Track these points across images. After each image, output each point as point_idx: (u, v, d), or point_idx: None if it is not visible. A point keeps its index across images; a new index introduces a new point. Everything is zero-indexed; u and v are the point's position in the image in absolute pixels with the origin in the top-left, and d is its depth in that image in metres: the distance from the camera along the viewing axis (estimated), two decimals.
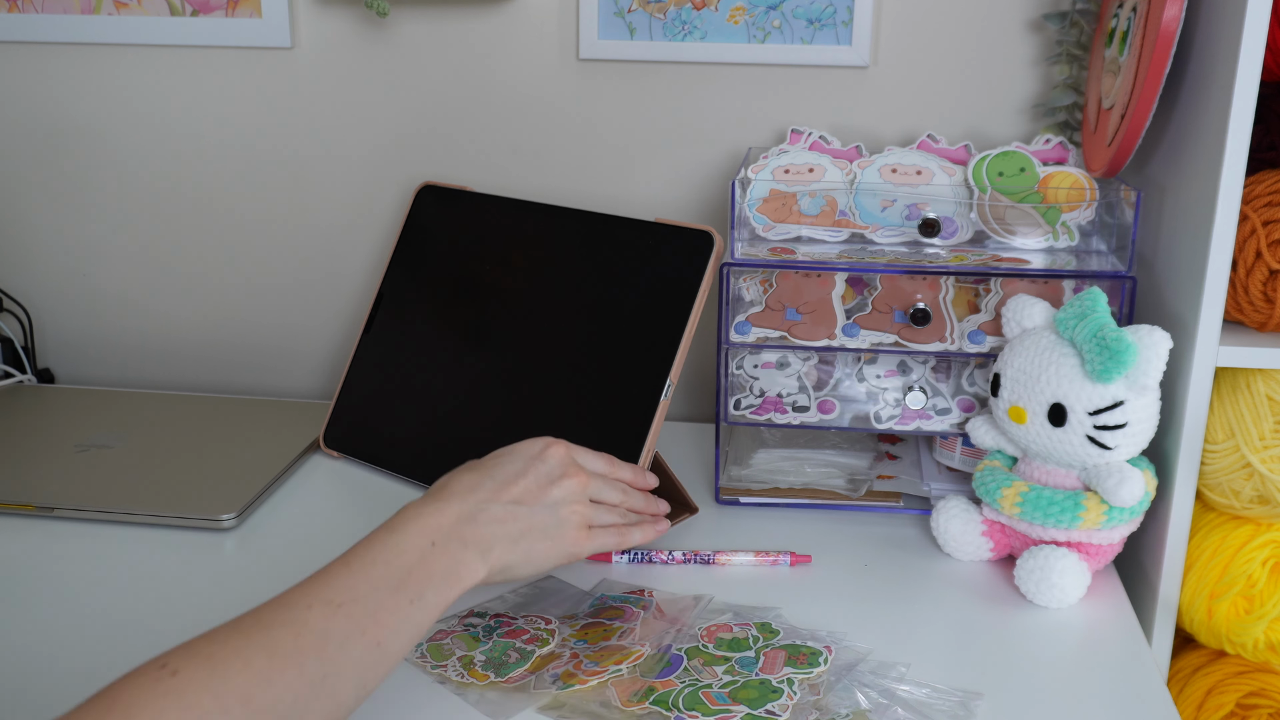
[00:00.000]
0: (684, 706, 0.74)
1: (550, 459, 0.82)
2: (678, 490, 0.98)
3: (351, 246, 1.28)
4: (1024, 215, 1.01)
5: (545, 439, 0.84)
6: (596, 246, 1.04)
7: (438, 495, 0.77)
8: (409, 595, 0.70)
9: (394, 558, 0.71)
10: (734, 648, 0.81)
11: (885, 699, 0.76)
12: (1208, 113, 0.87)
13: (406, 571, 0.71)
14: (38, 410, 1.22)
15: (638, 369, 0.96)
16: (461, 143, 1.23)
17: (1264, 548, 0.92)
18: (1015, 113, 1.16)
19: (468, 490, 0.77)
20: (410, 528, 0.73)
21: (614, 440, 0.92)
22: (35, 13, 1.22)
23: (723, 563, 0.94)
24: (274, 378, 1.33)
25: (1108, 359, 0.85)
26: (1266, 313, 0.88)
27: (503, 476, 0.79)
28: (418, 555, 0.72)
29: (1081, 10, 1.09)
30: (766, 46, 1.15)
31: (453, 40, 1.20)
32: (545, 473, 0.81)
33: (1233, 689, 0.95)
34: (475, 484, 0.78)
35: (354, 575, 0.69)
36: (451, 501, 0.76)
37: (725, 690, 0.76)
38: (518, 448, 0.83)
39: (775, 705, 0.74)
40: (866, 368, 1.03)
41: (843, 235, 1.04)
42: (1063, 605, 0.88)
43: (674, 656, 0.80)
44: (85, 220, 1.30)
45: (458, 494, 0.77)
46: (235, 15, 1.20)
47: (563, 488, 0.81)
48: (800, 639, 0.83)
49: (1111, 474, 0.87)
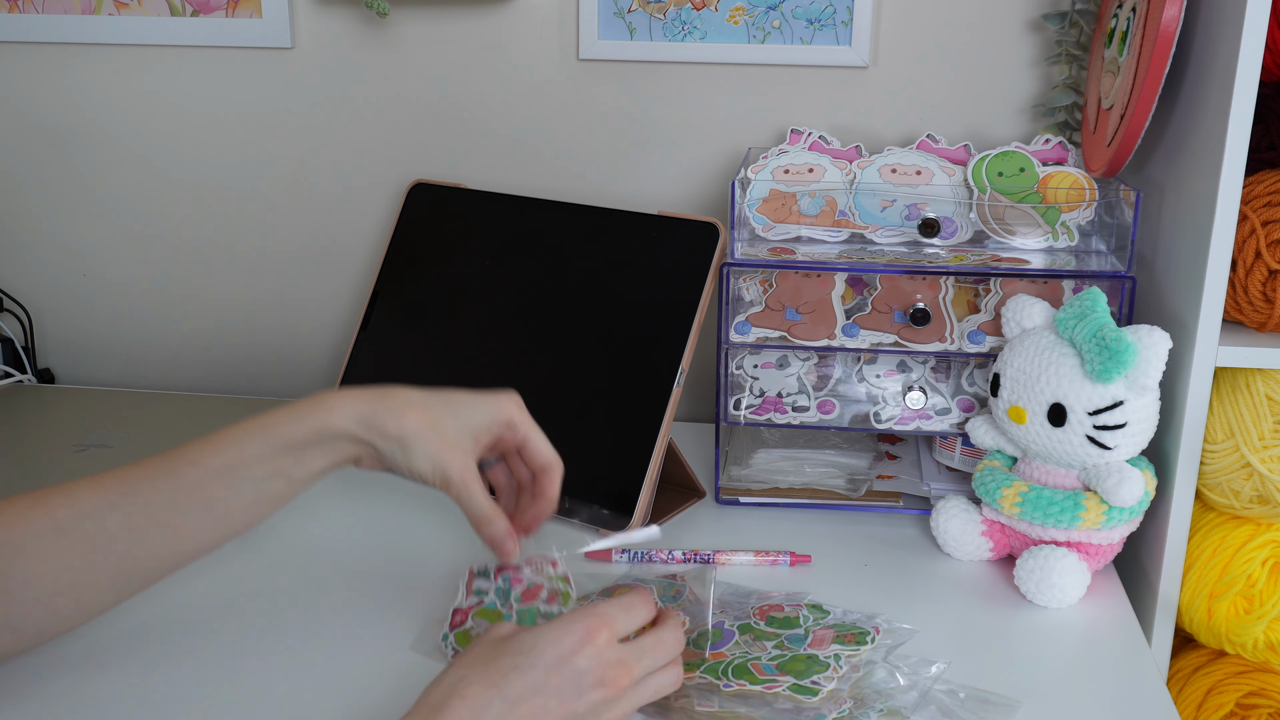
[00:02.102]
0: (732, 675, 0.76)
1: (581, 661, 0.65)
2: (688, 476, 1.02)
3: (351, 246, 1.28)
4: (1024, 215, 1.01)
5: (584, 626, 0.66)
6: (600, 241, 1.05)
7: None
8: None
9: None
10: (785, 625, 0.83)
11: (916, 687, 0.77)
12: (1207, 113, 0.87)
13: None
14: (38, 410, 1.22)
15: (648, 359, 0.97)
16: (461, 143, 1.23)
17: (1264, 547, 0.92)
18: (1015, 113, 1.16)
19: (470, 718, 0.62)
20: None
21: (628, 431, 0.93)
22: (35, 13, 1.22)
23: (723, 562, 0.94)
24: (273, 377, 1.33)
25: (1107, 359, 0.85)
26: (1266, 313, 0.88)
27: (516, 693, 0.64)
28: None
29: (1081, 10, 1.09)
30: (766, 46, 1.15)
31: (453, 40, 1.20)
32: (572, 683, 0.65)
33: (1232, 689, 0.95)
34: (482, 706, 0.63)
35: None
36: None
37: (773, 662, 0.77)
38: (541, 644, 0.65)
39: (820, 677, 0.76)
40: (866, 368, 1.03)
41: (843, 235, 1.04)
42: (1062, 605, 0.88)
43: (726, 631, 0.82)
44: (85, 220, 1.30)
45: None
46: (235, 15, 1.20)
47: (590, 700, 0.65)
48: (850, 620, 0.84)
49: (1111, 474, 0.87)
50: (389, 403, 0.76)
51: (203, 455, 0.74)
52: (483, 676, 0.64)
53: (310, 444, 0.75)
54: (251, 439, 0.74)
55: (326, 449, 0.76)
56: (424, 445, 0.76)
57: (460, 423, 0.77)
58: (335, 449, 0.76)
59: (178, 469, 0.74)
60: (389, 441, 0.76)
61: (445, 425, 0.76)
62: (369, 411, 0.75)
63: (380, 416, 0.75)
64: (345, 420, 0.75)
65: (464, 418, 0.77)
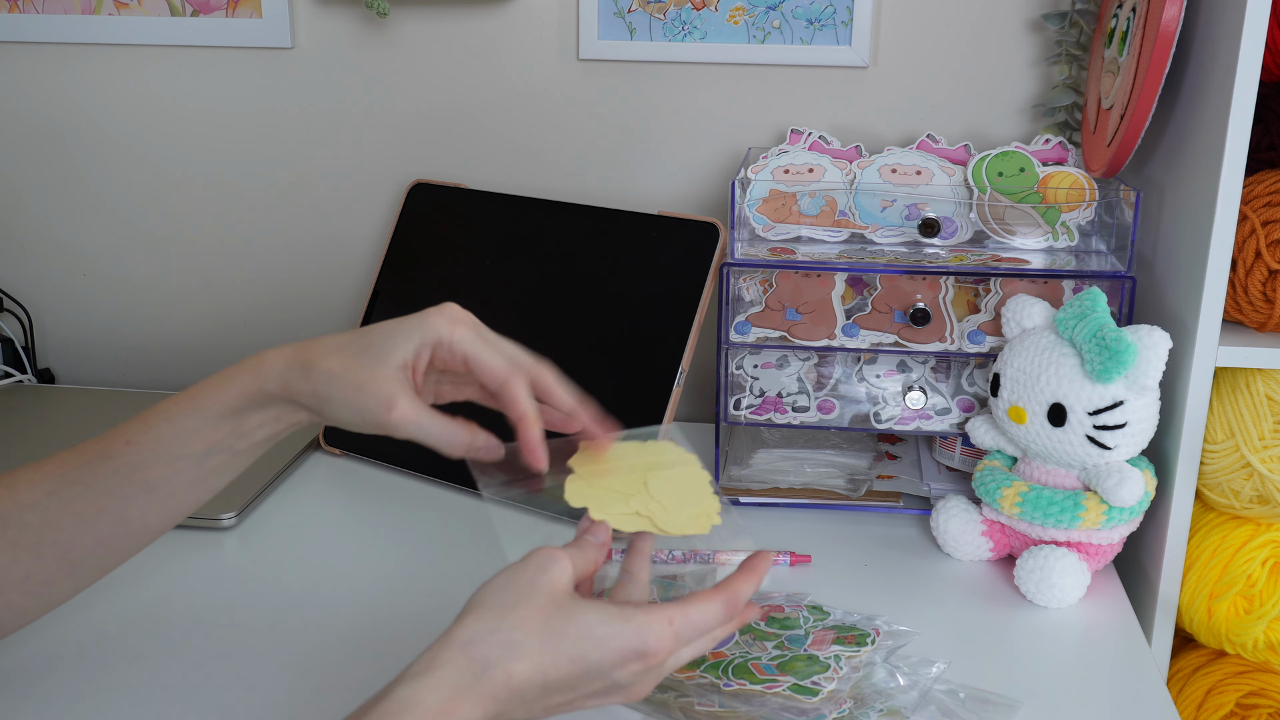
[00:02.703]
0: (733, 675, 0.76)
1: (622, 679, 0.62)
2: None
3: (352, 246, 1.28)
4: (1024, 215, 1.01)
5: (647, 649, 0.62)
6: (600, 241, 1.05)
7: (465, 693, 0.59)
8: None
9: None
10: (785, 626, 0.83)
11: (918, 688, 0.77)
12: (1207, 113, 0.87)
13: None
14: (38, 410, 1.22)
15: (648, 359, 0.97)
16: (461, 143, 1.23)
17: (1264, 547, 0.92)
18: (1015, 113, 1.16)
19: (506, 697, 0.59)
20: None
21: None
22: (35, 13, 1.22)
23: (722, 562, 0.94)
24: None
25: (1107, 359, 0.85)
26: (1266, 313, 0.88)
27: (555, 684, 0.61)
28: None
29: (1081, 10, 1.09)
30: (766, 46, 1.15)
31: (453, 40, 1.20)
32: (603, 692, 0.63)
33: (1232, 689, 0.95)
34: (521, 693, 0.60)
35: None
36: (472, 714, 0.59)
37: (774, 662, 0.78)
38: (601, 662, 0.61)
39: (820, 678, 0.76)
40: (866, 368, 1.03)
41: (843, 235, 1.04)
42: (1062, 605, 0.88)
43: None
44: (85, 220, 1.30)
45: (490, 702, 0.59)
46: (235, 15, 1.20)
47: (611, 699, 0.64)
48: (850, 621, 0.84)
49: (1111, 474, 0.87)
50: (304, 355, 0.69)
51: (137, 434, 0.71)
52: (536, 656, 0.60)
53: (243, 411, 0.70)
54: (183, 413, 0.70)
55: (262, 414, 0.71)
56: (341, 394, 0.68)
57: (380, 356, 0.68)
58: (272, 413, 0.71)
59: (113, 451, 0.71)
60: (310, 399, 0.69)
61: (362, 366, 0.68)
62: (284, 369, 0.69)
63: (293, 374, 0.69)
64: (271, 382, 0.69)
65: (385, 350, 0.68)
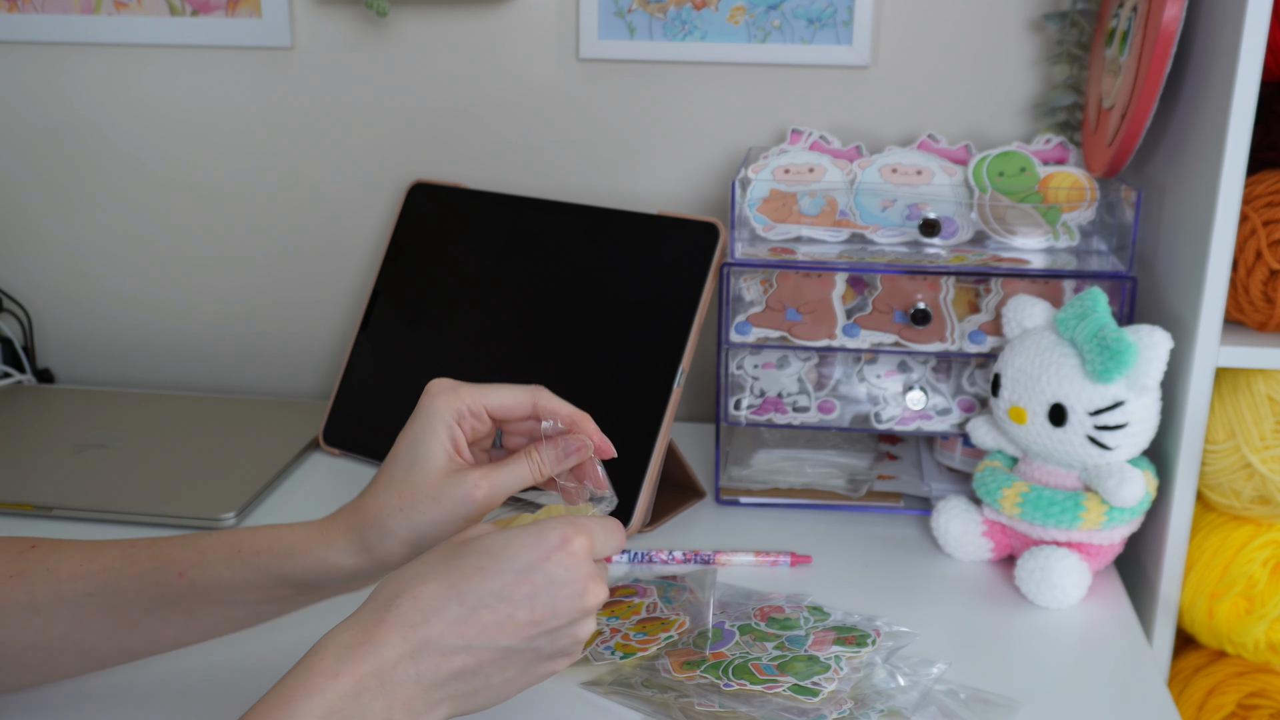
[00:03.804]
0: (733, 675, 0.76)
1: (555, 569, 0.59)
2: (687, 476, 1.02)
3: (351, 246, 1.27)
4: (1024, 215, 1.01)
5: (561, 532, 0.60)
6: (600, 241, 1.05)
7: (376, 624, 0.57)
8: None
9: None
10: (785, 626, 0.82)
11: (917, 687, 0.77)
12: (1208, 113, 0.87)
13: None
14: (37, 410, 1.22)
15: (648, 359, 0.97)
16: (461, 143, 1.23)
17: (1264, 548, 0.92)
18: (1015, 113, 1.16)
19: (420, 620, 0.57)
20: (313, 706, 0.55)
21: (628, 431, 0.93)
22: (35, 13, 1.22)
23: (723, 563, 0.94)
24: (273, 377, 1.33)
25: (1108, 359, 0.85)
26: (1267, 313, 0.88)
27: (477, 597, 0.58)
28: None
29: (1081, 10, 1.09)
30: (766, 46, 1.15)
31: (453, 40, 1.20)
32: (546, 593, 0.59)
33: (1233, 689, 0.95)
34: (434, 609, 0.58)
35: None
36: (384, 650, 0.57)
37: (774, 663, 0.77)
38: (512, 547, 0.59)
39: (821, 678, 0.75)
40: (867, 368, 1.03)
41: (843, 235, 1.04)
42: (1063, 606, 0.88)
43: (727, 631, 0.82)
44: (85, 220, 1.30)
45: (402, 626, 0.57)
46: (235, 15, 1.20)
47: (564, 614, 0.60)
48: (851, 622, 0.84)
49: (1112, 474, 0.87)
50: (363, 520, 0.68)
51: (191, 568, 0.68)
52: (442, 575, 0.58)
53: (309, 587, 0.69)
54: (244, 563, 0.68)
55: (328, 590, 0.70)
56: (431, 524, 0.67)
57: (423, 463, 0.67)
58: (335, 583, 0.70)
59: (165, 578, 0.68)
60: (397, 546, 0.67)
61: (419, 484, 0.67)
62: (362, 545, 0.67)
63: (378, 549, 0.67)
64: (345, 564, 0.68)
65: (422, 454, 0.68)
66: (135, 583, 0.69)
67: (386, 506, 0.67)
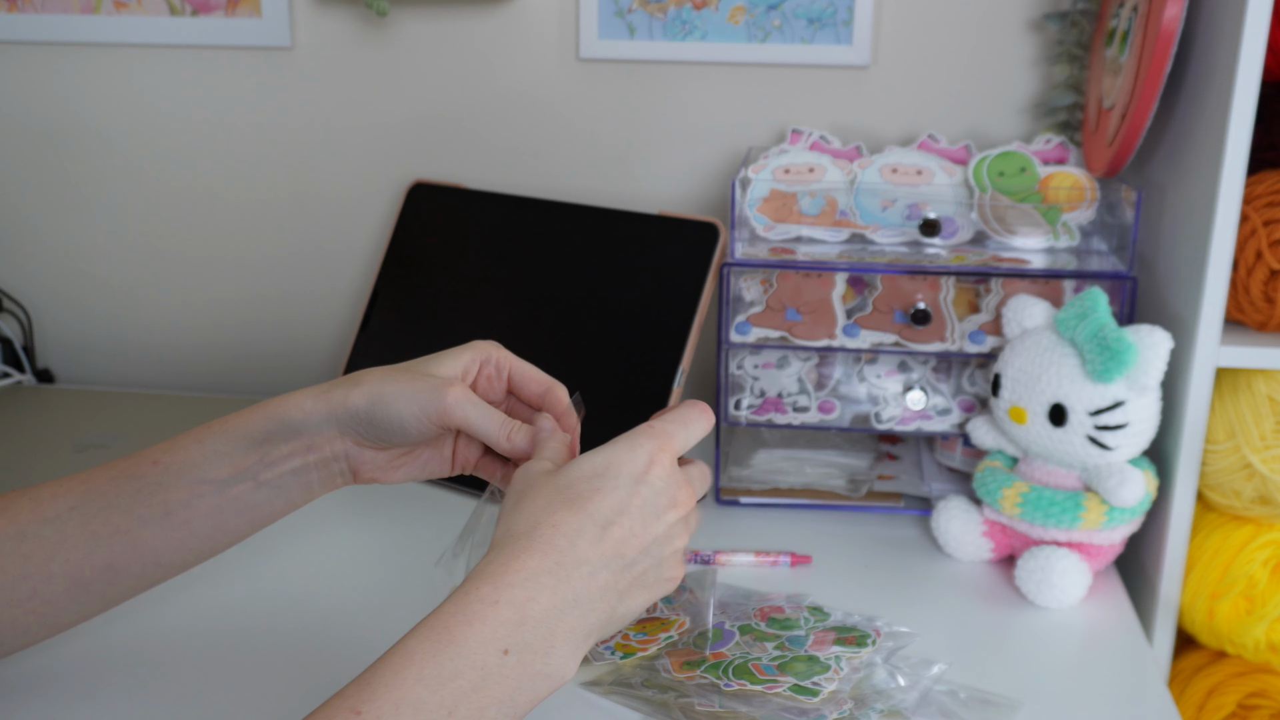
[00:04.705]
0: (733, 675, 0.76)
1: (655, 480, 0.63)
2: None
3: (351, 246, 1.27)
4: (1024, 215, 1.01)
5: (650, 446, 0.64)
6: (600, 241, 1.05)
7: (522, 552, 0.59)
8: None
9: (448, 679, 0.55)
10: (785, 626, 0.82)
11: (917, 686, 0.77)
12: (1208, 113, 0.87)
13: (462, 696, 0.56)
14: (37, 410, 1.22)
15: (648, 359, 0.97)
16: (461, 142, 1.23)
17: (1265, 548, 0.92)
18: (1015, 113, 1.16)
19: (566, 544, 0.59)
20: (475, 632, 0.56)
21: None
22: (35, 13, 1.22)
23: (723, 563, 0.94)
24: (273, 377, 1.33)
25: (1108, 359, 0.85)
26: (1267, 313, 0.88)
27: (604, 516, 0.61)
28: (479, 676, 0.56)
29: (1082, 10, 1.09)
30: (766, 46, 1.15)
31: (453, 40, 1.20)
32: (651, 503, 0.63)
33: (1233, 690, 0.95)
34: (574, 532, 0.60)
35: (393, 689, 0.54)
36: (541, 578, 0.59)
37: (774, 663, 0.77)
38: (615, 464, 0.63)
39: (821, 678, 0.75)
40: (867, 368, 1.03)
41: (843, 235, 1.04)
42: (1063, 606, 0.88)
43: (727, 631, 0.81)
44: (85, 220, 1.30)
45: (551, 551, 0.59)
46: (235, 15, 1.20)
47: (667, 521, 0.64)
48: (851, 622, 0.84)
49: (1112, 474, 0.87)
50: (346, 378, 0.72)
51: (164, 454, 0.72)
52: (568, 501, 0.60)
53: (274, 437, 0.71)
54: (213, 437, 0.71)
55: (293, 443, 0.71)
56: (395, 386, 0.69)
57: (430, 366, 0.71)
58: (304, 442, 0.71)
59: (139, 470, 0.71)
60: (361, 401, 0.69)
61: (414, 370, 0.71)
62: (326, 388, 0.71)
63: (338, 388, 0.70)
64: (308, 399, 0.71)
65: (434, 363, 0.72)
66: (112, 483, 0.71)
67: (372, 371, 0.71)
